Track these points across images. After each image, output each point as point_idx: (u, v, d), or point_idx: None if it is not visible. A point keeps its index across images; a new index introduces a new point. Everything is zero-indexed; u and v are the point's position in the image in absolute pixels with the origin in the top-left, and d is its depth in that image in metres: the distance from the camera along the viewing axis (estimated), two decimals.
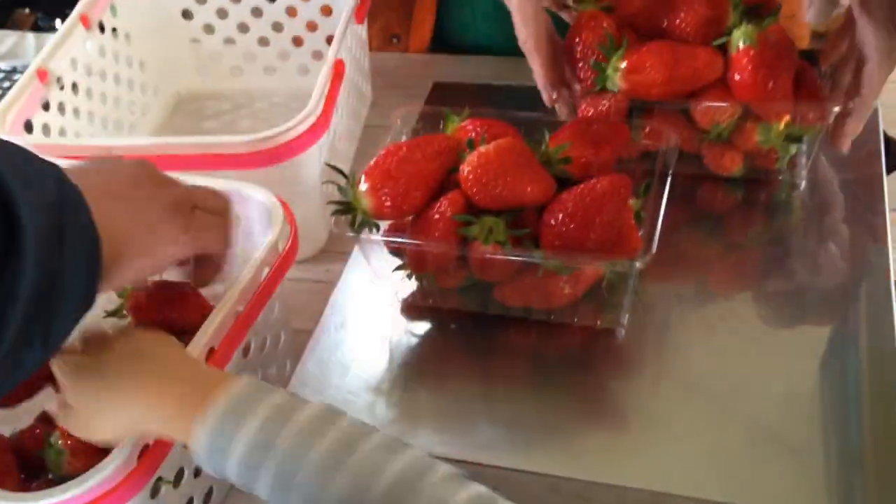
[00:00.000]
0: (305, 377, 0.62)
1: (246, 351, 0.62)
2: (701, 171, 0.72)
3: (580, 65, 0.69)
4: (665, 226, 0.57)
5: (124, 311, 0.60)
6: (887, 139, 0.79)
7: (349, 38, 0.81)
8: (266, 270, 0.62)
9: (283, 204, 0.65)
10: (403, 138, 0.66)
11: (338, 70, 0.76)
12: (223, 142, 0.68)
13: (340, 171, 0.61)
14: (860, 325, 0.60)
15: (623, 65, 0.65)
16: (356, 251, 0.71)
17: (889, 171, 0.79)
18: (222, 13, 0.91)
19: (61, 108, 0.79)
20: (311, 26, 0.90)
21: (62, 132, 0.79)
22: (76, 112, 0.81)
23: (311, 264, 0.79)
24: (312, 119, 0.70)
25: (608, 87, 0.67)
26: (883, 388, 0.56)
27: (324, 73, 0.74)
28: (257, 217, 0.66)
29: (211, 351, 0.56)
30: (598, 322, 0.62)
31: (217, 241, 0.53)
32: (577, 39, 0.68)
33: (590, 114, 0.67)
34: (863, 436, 0.53)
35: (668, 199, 0.61)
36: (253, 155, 0.69)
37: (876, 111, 0.77)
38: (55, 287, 0.39)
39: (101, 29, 0.85)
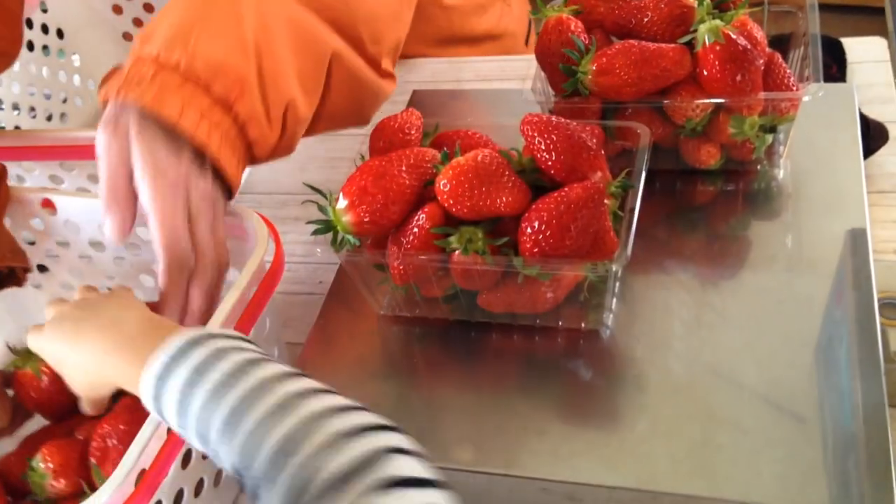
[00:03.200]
0: None
1: None
2: (679, 165, 0.73)
3: (550, 70, 0.69)
4: (647, 221, 0.59)
5: None
6: (865, 120, 0.79)
7: None
8: (254, 289, 0.63)
9: (266, 220, 0.66)
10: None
11: None
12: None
13: (318, 190, 0.62)
14: (845, 312, 0.60)
15: (592, 67, 0.66)
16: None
17: (869, 153, 0.79)
18: (149, 7, 1.02)
19: None
20: None
21: None
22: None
23: (304, 275, 0.81)
24: None
25: (580, 91, 0.68)
26: (870, 375, 0.56)
27: None
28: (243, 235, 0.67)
29: None
30: (583, 324, 0.63)
31: None
32: (546, 44, 0.69)
33: (564, 118, 0.68)
34: (852, 425, 0.54)
35: (649, 194, 0.62)
36: None
37: (852, 93, 0.77)
38: None
39: (30, 25, 0.94)
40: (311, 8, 0.63)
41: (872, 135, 0.80)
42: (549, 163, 0.59)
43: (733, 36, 0.64)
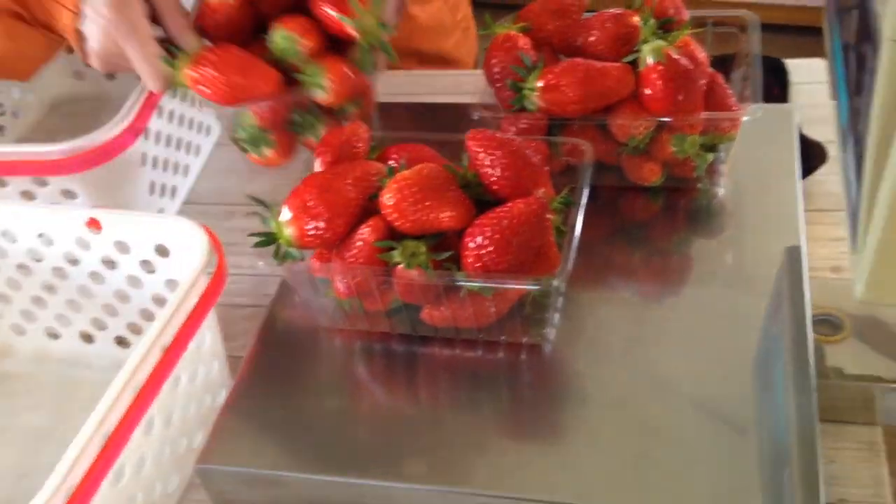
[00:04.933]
0: (239, 405, 0.62)
1: (176, 382, 0.62)
2: (623, 182, 0.74)
3: (498, 86, 0.70)
4: (590, 236, 0.59)
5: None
6: (805, 140, 0.81)
7: None
8: (193, 301, 0.62)
9: (207, 230, 0.66)
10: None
11: None
12: (36, 150, 0.75)
13: (262, 202, 0.62)
14: (781, 328, 0.61)
15: (539, 84, 0.67)
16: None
17: (808, 172, 0.81)
18: None
19: None
20: None
21: None
22: None
23: (250, 287, 0.80)
24: (124, 124, 0.77)
25: (526, 107, 0.68)
26: (803, 391, 0.57)
27: None
28: (182, 246, 0.67)
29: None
30: (525, 338, 0.63)
31: None
32: (493, 61, 0.70)
33: (510, 133, 0.69)
34: (786, 440, 0.55)
35: (593, 210, 0.62)
36: (66, 161, 0.75)
37: (792, 113, 0.79)
38: None
39: None
40: None
41: (812, 154, 0.81)
42: (494, 178, 0.60)
43: (675, 56, 0.66)
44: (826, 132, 0.84)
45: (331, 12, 0.68)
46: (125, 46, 0.67)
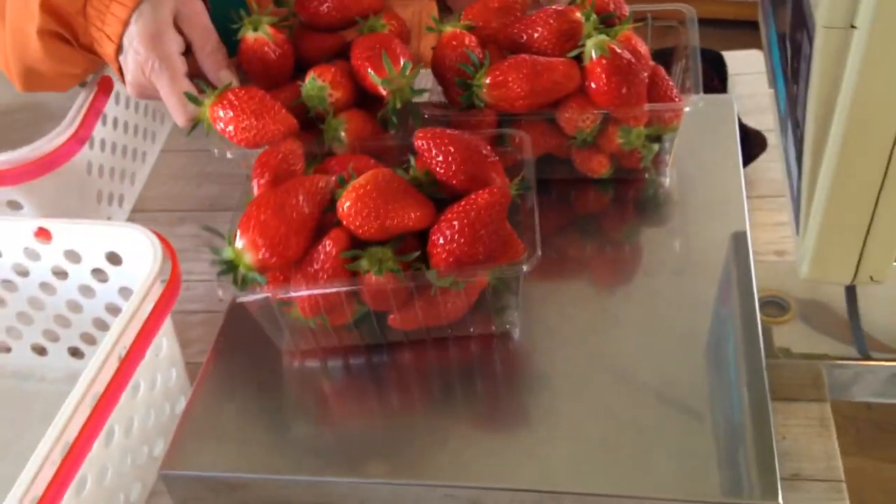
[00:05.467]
0: (199, 411, 0.62)
1: (135, 391, 0.62)
2: (573, 174, 0.75)
3: (447, 84, 0.71)
4: (544, 229, 0.60)
5: None
6: (745, 129, 0.84)
7: None
8: (148, 309, 0.62)
9: (160, 236, 0.65)
10: None
11: (103, 85, 0.82)
12: None
13: (216, 231, 0.60)
14: (730, 311, 0.63)
15: (487, 81, 0.68)
16: None
17: (749, 160, 0.83)
18: None
19: None
20: None
21: None
22: None
23: (203, 293, 0.80)
24: (69, 133, 0.77)
25: (475, 103, 0.69)
26: (754, 371, 0.59)
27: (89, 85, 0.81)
28: (134, 253, 0.66)
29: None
30: (493, 328, 0.64)
31: None
32: (441, 59, 0.71)
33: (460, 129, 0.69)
34: (740, 419, 0.56)
35: (545, 202, 0.64)
36: (10, 171, 0.75)
37: (732, 103, 0.81)
38: None
39: None
40: None
41: (752, 143, 0.84)
42: (451, 173, 0.60)
43: (618, 50, 0.67)
44: (765, 121, 0.86)
45: (368, 71, 0.69)
46: (156, 82, 0.69)
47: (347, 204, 0.58)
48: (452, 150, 0.60)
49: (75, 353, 0.75)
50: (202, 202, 0.90)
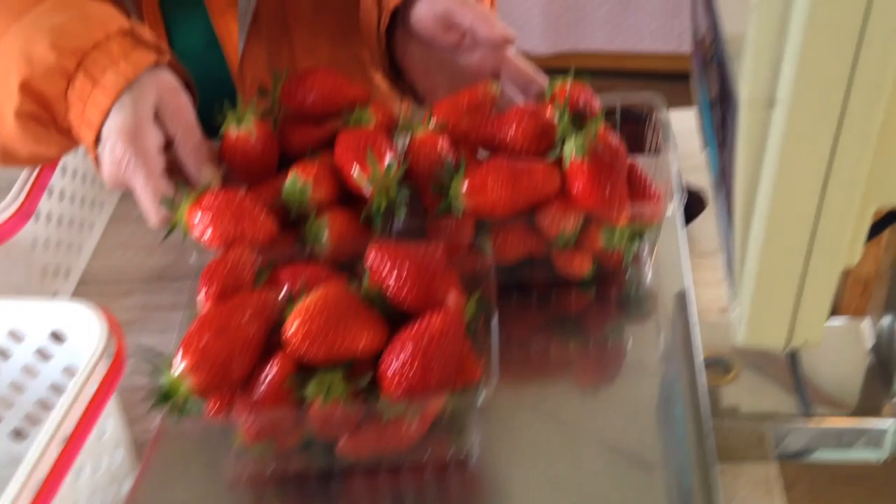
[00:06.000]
0: (145, 495, 0.61)
1: (79, 474, 0.61)
2: (553, 276, 0.73)
3: (420, 189, 0.69)
4: (524, 332, 0.60)
5: None
6: (685, 188, 0.85)
7: None
8: (93, 387, 0.61)
9: (105, 312, 0.64)
10: None
11: None
12: None
13: (154, 352, 0.58)
14: (678, 372, 0.64)
15: (464, 188, 0.66)
16: None
17: (690, 219, 0.85)
18: None
19: None
20: None
21: None
22: None
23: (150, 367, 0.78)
24: (14, 208, 0.76)
25: (453, 210, 0.67)
26: (701, 433, 0.60)
27: None
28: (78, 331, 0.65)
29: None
30: (449, 453, 0.61)
31: None
32: (415, 164, 0.68)
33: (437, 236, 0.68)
34: (691, 480, 0.57)
35: (526, 305, 0.64)
36: None
37: (668, 163, 0.83)
38: None
39: None
40: None
41: (693, 201, 0.86)
42: (403, 293, 0.58)
43: (599, 151, 0.65)
44: (702, 179, 0.88)
45: (352, 169, 0.66)
46: (130, 179, 0.67)
47: (294, 327, 0.55)
48: (407, 268, 0.58)
49: (18, 434, 0.73)
50: (151, 272, 0.89)
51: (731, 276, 0.53)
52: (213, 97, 0.73)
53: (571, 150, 0.66)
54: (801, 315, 0.50)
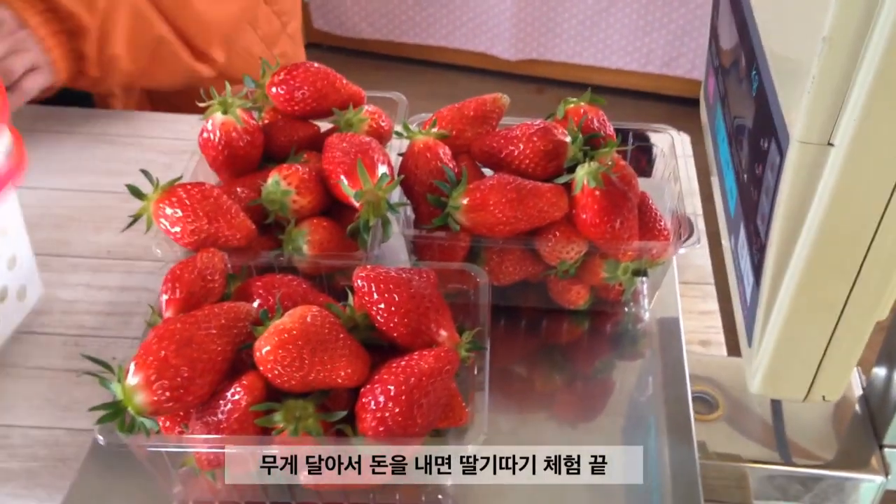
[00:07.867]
0: None
1: None
2: (548, 303, 0.69)
3: (416, 199, 0.64)
4: (511, 359, 0.57)
5: None
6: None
7: None
8: None
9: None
10: None
11: None
12: None
13: (103, 363, 0.51)
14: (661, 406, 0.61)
15: (464, 202, 0.61)
16: None
17: None
18: None
19: None
20: None
21: None
22: None
23: (94, 351, 0.71)
24: None
25: (449, 225, 0.62)
26: (686, 469, 0.57)
27: None
28: None
29: None
30: (422, 497, 0.55)
31: None
32: (412, 171, 0.63)
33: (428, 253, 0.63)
34: None
35: (514, 330, 0.60)
36: None
37: (664, 191, 0.80)
38: None
39: None
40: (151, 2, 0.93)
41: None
42: (392, 325, 0.52)
43: (614, 181, 0.61)
44: (690, 204, 0.85)
45: (341, 178, 0.60)
46: None
47: (267, 349, 0.49)
48: (397, 298, 0.52)
49: None
50: (104, 248, 0.82)
51: (748, 320, 0.50)
52: None
53: (584, 176, 0.61)
54: (824, 369, 0.47)
